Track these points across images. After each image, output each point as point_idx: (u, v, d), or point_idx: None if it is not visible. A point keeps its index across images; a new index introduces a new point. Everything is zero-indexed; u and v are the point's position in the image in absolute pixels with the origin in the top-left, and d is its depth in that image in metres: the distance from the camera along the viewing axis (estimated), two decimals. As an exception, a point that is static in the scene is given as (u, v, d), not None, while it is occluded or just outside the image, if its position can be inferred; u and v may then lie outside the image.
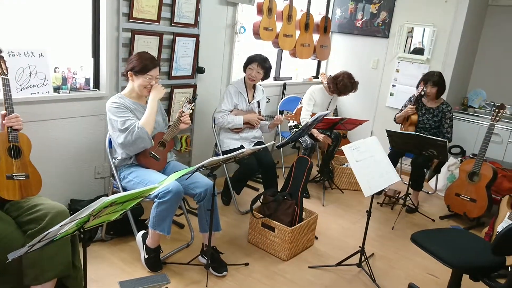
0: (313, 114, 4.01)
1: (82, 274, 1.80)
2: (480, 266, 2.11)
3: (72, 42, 2.91)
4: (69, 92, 2.85)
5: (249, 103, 3.46)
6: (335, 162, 4.40)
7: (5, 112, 2.03)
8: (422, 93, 3.88)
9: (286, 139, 3.42)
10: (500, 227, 3.10)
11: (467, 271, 2.16)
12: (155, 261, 2.57)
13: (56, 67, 2.80)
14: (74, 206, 2.90)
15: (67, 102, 2.85)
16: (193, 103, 2.75)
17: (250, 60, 3.37)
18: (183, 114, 2.67)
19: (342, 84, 3.94)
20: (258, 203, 3.07)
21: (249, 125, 3.45)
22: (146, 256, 2.56)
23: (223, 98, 3.42)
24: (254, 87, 3.52)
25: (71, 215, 1.50)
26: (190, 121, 2.72)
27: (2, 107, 2.06)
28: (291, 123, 4.23)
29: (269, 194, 3.06)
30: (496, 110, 3.47)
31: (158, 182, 2.08)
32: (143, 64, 2.53)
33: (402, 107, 4.12)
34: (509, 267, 2.52)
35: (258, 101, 3.55)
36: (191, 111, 2.73)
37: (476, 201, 3.58)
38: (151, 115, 2.55)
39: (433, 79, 3.83)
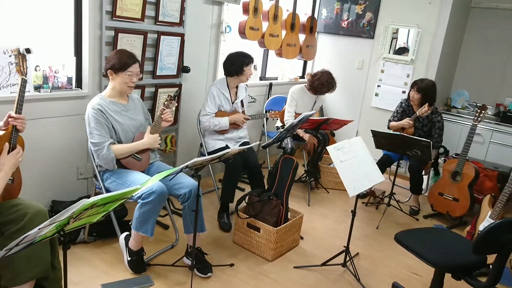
0: (297, 114, 4.00)
1: (62, 276, 1.76)
2: (462, 265, 2.14)
3: (53, 40, 2.85)
4: (50, 91, 2.79)
5: (232, 103, 3.44)
6: (321, 162, 4.41)
7: (10, 113, 1.97)
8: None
9: (272, 139, 3.41)
10: (481, 226, 3.15)
11: (449, 270, 2.19)
12: (138, 263, 2.54)
13: (37, 66, 2.74)
14: (56, 207, 2.85)
15: (48, 102, 2.79)
16: (174, 100, 2.71)
17: (247, 62, 3.31)
18: (163, 112, 2.64)
19: (318, 83, 3.91)
20: (243, 203, 3.06)
21: (235, 125, 3.44)
22: (129, 259, 2.53)
23: (206, 100, 3.36)
24: (236, 86, 3.49)
25: (52, 217, 1.46)
26: (172, 118, 2.69)
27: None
28: (278, 124, 4.23)
29: (254, 195, 3.06)
30: (478, 111, 3.52)
31: (141, 183, 2.05)
32: (122, 61, 2.50)
33: (394, 112, 4.08)
34: (490, 265, 2.56)
35: (242, 100, 3.53)
36: (173, 108, 2.70)
37: (459, 201, 3.63)
38: (130, 150, 2.55)
39: (418, 85, 3.78)
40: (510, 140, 4.39)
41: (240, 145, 3.45)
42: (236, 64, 3.31)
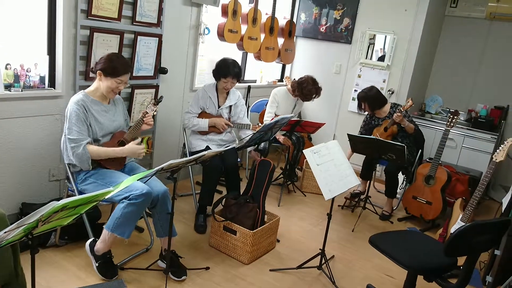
0: (276, 116, 4.04)
1: (26, 283, 1.70)
2: (433, 267, 2.18)
3: (25, 38, 2.77)
4: (21, 90, 2.71)
5: (219, 107, 3.43)
6: (306, 166, 4.40)
7: None
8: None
9: (246, 141, 3.39)
10: (453, 229, 3.22)
11: (420, 272, 2.23)
12: (107, 267, 2.47)
13: (7, 64, 2.66)
14: (26, 210, 2.77)
15: (19, 101, 2.71)
16: (158, 105, 2.71)
17: (224, 74, 3.30)
18: (146, 115, 2.63)
19: (308, 89, 4.01)
20: (219, 206, 3.04)
21: (215, 129, 3.42)
22: (97, 264, 2.46)
23: (193, 100, 3.43)
24: (227, 92, 3.48)
25: (21, 219, 1.42)
26: (153, 122, 2.68)
27: None
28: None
29: (231, 197, 3.04)
30: (451, 116, 3.61)
31: (115, 185, 2.02)
32: (115, 67, 2.45)
33: (360, 128, 4.22)
34: (461, 267, 2.62)
35: (231, 106, 3.51)
36: (155, 112, 2.68)
37: (432, 204, 3.71)
38: (107, 154, 2.50)
39: (358, 97, 4.05)
40: (481, 145, 4.52)
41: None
42: (217, 71, 3.35)
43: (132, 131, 2.64)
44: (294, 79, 4.26)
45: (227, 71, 3.29)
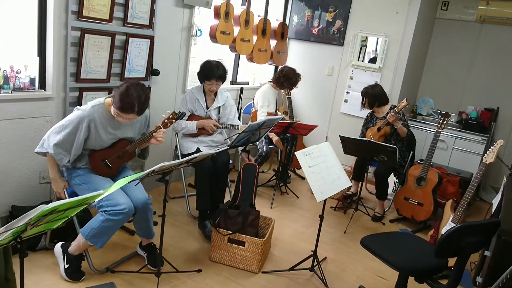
0: (269, 114, 4.12)
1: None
2: (424, 269, 2.19)
3: (15, 39, 2.74)
4: (11, 92, 2.69)
5: (207, 109, 3.43)
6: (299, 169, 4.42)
7: None
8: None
9: (232, 140, 3.33)
10: (444, 230, 3.24)
11: (411, 274, 2.24)
12: (75, 270, 2.44)
13: (-3, 65, 2.63)
14: (16, 212, 2.74)
15: (8, 103, 2.68)
16: (176, 120, 2.55)
17: (207, 77, 3.28)
18: (158, 130, 2.51)
19: (295, 80, 4.21)
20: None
21: (204, 131, 3.41)
22: (66, 266, 2.44)
23: (181, 104, 3.42)
24: (215, 93, 3.48)
25: (9, 223, 1.40)
26: (163, 139, 2.57)
27: None
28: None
29: (229, 207, 2.97)
30: (442, 118, 3.64)
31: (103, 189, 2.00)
32: (124, 103, 2.28)
33: (362, 129, 4.24)
34: (452, 268, 2.64)
35: (219, 108, 3.50)
36: (168, 127, 2.57)
37: (423, 205, 3.74)
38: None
39: (361, 92, 4.10)
40: (471, 147, 4.56)
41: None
42: (201, 73, 3.33)
43: (138, 143, 2.55)
44: (272, 79, 4.42)
45: (210, 73, 3.27)
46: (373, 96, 4.01)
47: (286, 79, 4.21)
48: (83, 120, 2.38)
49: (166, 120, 2.53)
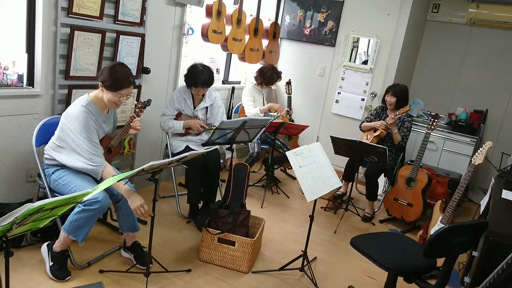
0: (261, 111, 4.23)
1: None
2: (413, 269, 2.21)
3: (3, 35, 2.70)
4: (-2, 89, 2.65)
5: (194, 109, 3.41)
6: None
7: None
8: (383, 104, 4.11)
9: (208, 139, 3.28)
10: (433, 231, 3.26)
11: (400, 274, 2.25)
12: (60, 267, 2.42)
13: (-16, 61, 2.59)
14: (2, 209, 2.69)
15: (-4, 99, 2.64)
16: (145, 108, 2.64)
17: (193, 84, 3.26)
18: (133, 120, 2.57)
19: (269, 75, 4.30)
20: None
21: (191, 130, 3.40)
22: (51, 264, 2.42)
23: (168, 103, 3.42)
24: (203, 93, 3.45)
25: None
26: (140, 126, 2.65)
27: None
28: None
29: (219, 207, 2.96)
30: (432, 119, 3.67)
31: (84, 188, 1.99)
32: (116, 81, 2.36)
33: (366, 118, 4.21)
34: (440, 268, 2.66)
35: (207, 108, 3.48)
36: (141, 116, 2.63)
37: (413, 206, 3.76)
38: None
39: (394, 89, 3.99)
40: (461, 148, 4.60)
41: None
42: (187, 79, 3.30)
43: (119, 137, 2.60)
44: (256, 72, 4.48)
45: (195, 82, 3.24)
46: (401, 92, 3.98)
47: (261, 74, 4.34)
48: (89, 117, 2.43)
49: (137, 110, 2.63)
